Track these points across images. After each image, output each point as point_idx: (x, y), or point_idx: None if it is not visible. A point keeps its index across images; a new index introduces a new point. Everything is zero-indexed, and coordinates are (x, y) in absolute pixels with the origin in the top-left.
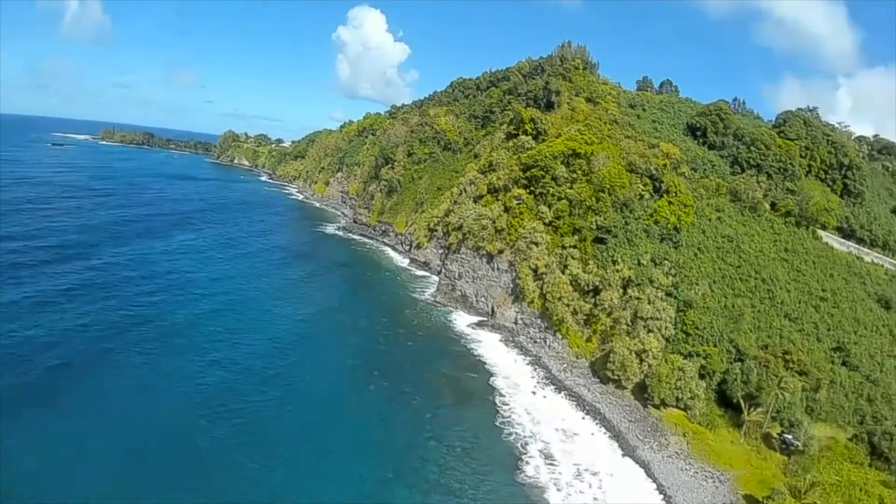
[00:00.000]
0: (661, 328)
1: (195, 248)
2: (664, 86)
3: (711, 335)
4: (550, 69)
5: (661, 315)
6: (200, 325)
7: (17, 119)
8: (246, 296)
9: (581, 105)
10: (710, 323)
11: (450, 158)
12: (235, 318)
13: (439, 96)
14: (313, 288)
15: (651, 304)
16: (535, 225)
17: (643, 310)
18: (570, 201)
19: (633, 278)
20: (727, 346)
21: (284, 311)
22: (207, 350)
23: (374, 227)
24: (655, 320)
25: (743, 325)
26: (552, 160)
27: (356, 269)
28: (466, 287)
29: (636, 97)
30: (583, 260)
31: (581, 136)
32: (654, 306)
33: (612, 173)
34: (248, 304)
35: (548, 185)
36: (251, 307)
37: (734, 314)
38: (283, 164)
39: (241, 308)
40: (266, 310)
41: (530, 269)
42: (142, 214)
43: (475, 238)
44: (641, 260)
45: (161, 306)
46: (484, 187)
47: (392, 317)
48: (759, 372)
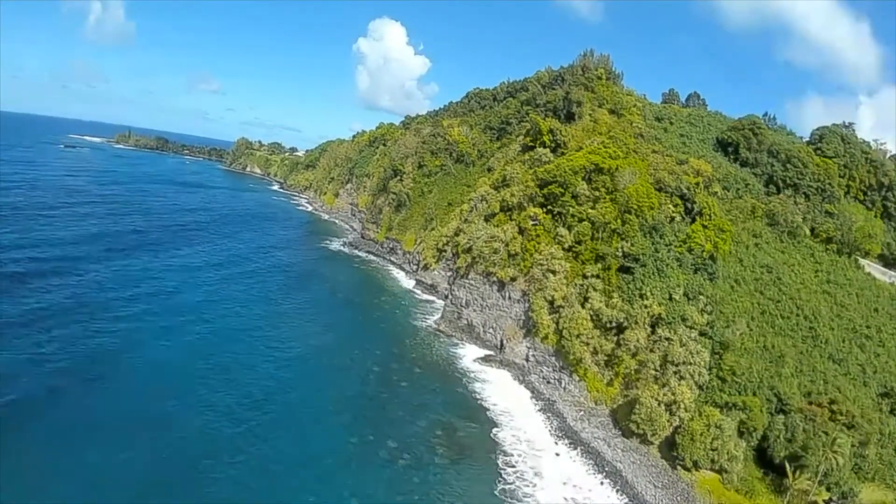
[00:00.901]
0: (694, 374)
1: (187, 266)
2: (691, 99)
3: (750, 381)
4: (571, 79)
5: (694, 359)
6: (165, 366)
7: (36, 119)
8: (230, 329)
9: (604, 117)
10: (749, 367)
11: (462, 171)
12: (209, 359)
13: (454, 107)
14: (306, 318)
15: (684, 346)
16: (552, 250)
17: (675, 353)
18: (592, 223)
19: (663, 316)
20: (767, 393)
21: (270, 349)
22: (160, 402)
23: (381, 243)
24: (688, 365)
25: (785, 369)
26: (572, 175)
27: (357, 293)
28: (474, 316)
29: (662, 110)
30: (606, 292)
31: (605, 150)
32: (686, 349)
33: (639, 192)
34: (230, 340)
35: (567, 204)
36: (233, 344)
37: (774, 356)
38: (294, 173)
39: (220, 345)
40: (249, 348)
41: (546, 300)
42: (139, 225)
43: (485, 262)
44: (673, 294)
45: (132, 337)
46: (496, 204)
47: (389, 349)
48: (806, 428)
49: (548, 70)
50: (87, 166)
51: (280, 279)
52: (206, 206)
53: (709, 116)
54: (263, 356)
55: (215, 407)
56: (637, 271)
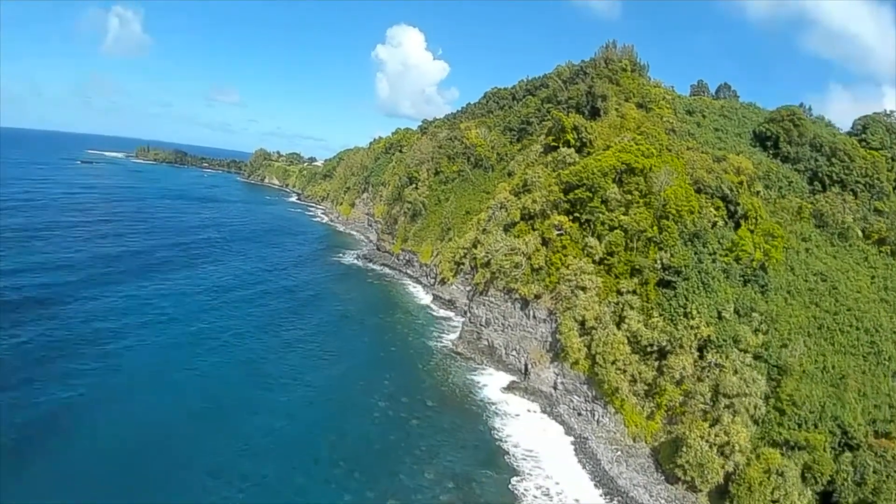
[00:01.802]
0: (749, 407)
1: (187, 292)
2: (721, 90)
3: (811, 412)
4: (594, 72)
5: (750, 389)
6: (144, 416)
7: (58, 136)
8: (226, 367)
9: (631, 111)
10: (809, 393)
11: (480, 177)
12: (197, 407)
13: (472, 108)
14: (311, 348)
15: (738, 374)
16: (581, 264)
17: (727, 384)
18: (625, 231)
19: (712, 338)
20: (830, 424)
21: (266, 390)
22: (129, 465)
23: (397, 255)
24: (743, 397)
25: (847, 394)
26: (601, 178)
27: (369, 313)
28: (495, 337)
29: (692, 102)
30: (644, 310)
31: (636, 147)
32: (741, 377)
33: (678, 195)
34: (225, 381)
35: (597, 211)
36: (226, 387)
37: (835, 378)
38: (311, 183)
39: (211, 388)
40: (243, 390)
41: (575, 321)
42: (144, 245)
43: (506, 278)
44: (723, 312)
45: (108, 382)
46: (517, 212)
47: (401, 378)
48: (877, 468)
49: (568, 65)
50: (100, 182)
51: (286, 303)
52: (217, 222)
53: (743, 108)
54: (259, 400)
55: (195, 465)
56: (679, 286)
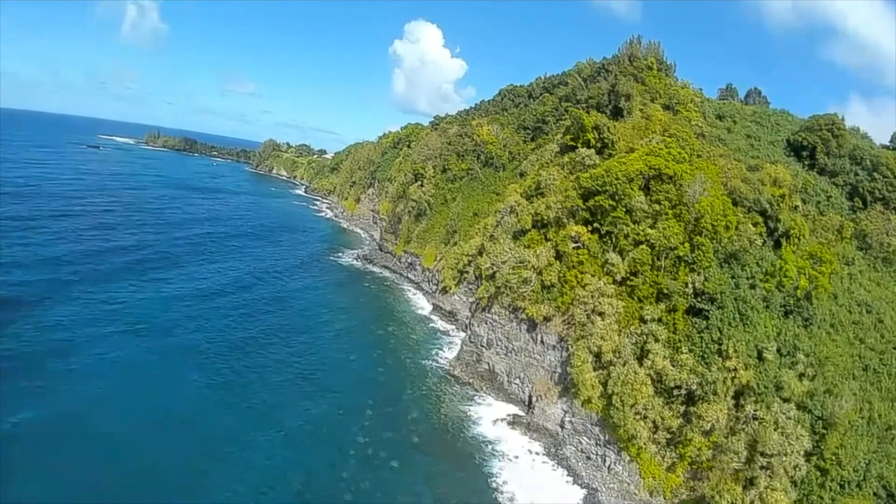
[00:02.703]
0: (789, 468)
1: (171, 296)
2: (750, 96)
3: (855, 469)
4: (618, 69)
5: (791, 447)
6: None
7: (72, 119)
8: (193, 398)
9: (657, 113)
10: (854, 449)
11: (491, 177)
12: (148, 451)
13: (486, 105)
14: (294, 372)
15: (779, 429)
16: (600, 284)
17: (768, 441)
18: (651, 247)
19: (752, 385)
20: (874, 485)
21: (233, 425)
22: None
23: (399, 257)
24: (783, 456)
25: (893, 448)
26: (626, 184)
27: (363, 323)
28: (496, 361)
29: (722, 106)
30: (672, 343)
31: (666, 151)
32: (782, 433)
33: (714, 207)
34: (189, 414)
35: (620, 222)
36: (191, 421)
37: (881, 430)
38: (318, 176)
39: (172, 422)
40: (205, 428)
41: (590, 352)
42: (133, 241)
43: (512, 294)
44: (765, 352)
45: (50, 418)
46: (528, 219)
47: (385, 406)
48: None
49: (589, 62)
50: (100, 169)
51: (275, 313)
52: (216, 216)
53: (776, 115)
54: (224, 432)
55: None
56: (713, 315)
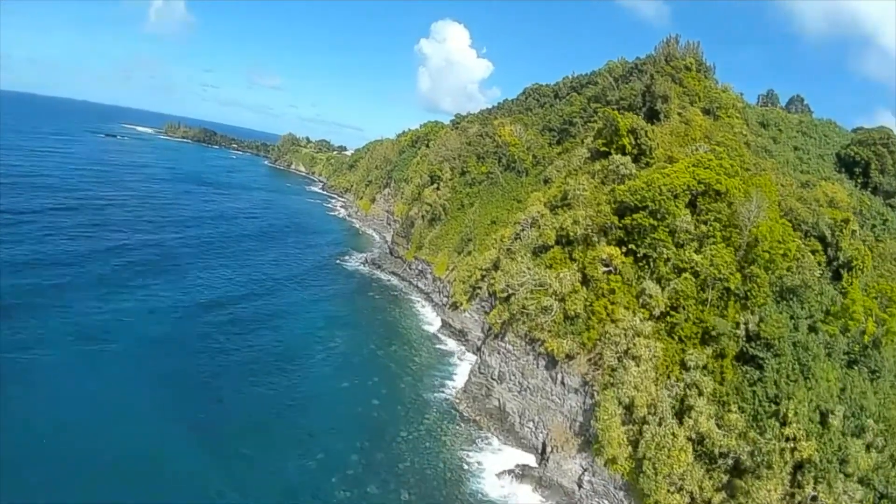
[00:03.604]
0: None
1: (157, 309)
2: (793, 103)
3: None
4: (653, 69)
5: None
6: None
7: (97, 107)
8: (166, 446)
9: (697, 118)
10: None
11: (512, 182)
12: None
13: (509, 104)
14: (274, 411)
15: None
16: (635, 321)
17: None
18: (695, 275)
19: (814, 459)
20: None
21: (200, 481)
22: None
23: (409, 264)
24: None
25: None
26: (671, 200)
27: (363, 341)
28: (508, 399)
29: (766, 113)
30: (718, 397)
31: (717, 162)
32: None
33: (773, 232)
34: (154, 470)
35: (660, 244)
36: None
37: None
38: (336, 173)
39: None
40: (167, 486)
41: (619, 403)
42: (128, 241)
43: (530, 322)
44: (830, 416)
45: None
46: (551, 234)
47: (375, 449)
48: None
49: (621, 61)
50: (112, 159)
51: (266, 335)
52: (224, 214)
53: (823, 126)
54: (187, 489)
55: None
56: (769, 365)
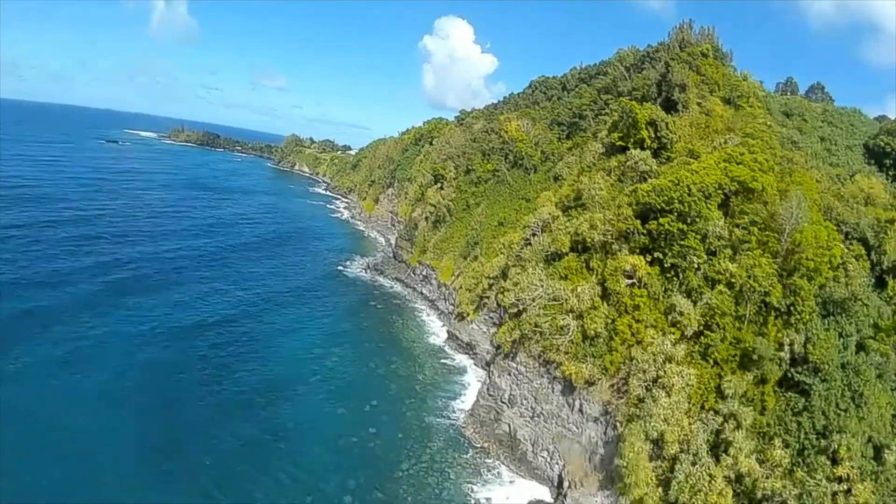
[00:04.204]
0: None
1: (134, 335)
2: (813, 91)
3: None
4: (668, 56)
5: None
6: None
7: (101, 113)
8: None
9: (718, 108)
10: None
11: (520, 179)
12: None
13: (516, 98)
14: (250, 462)
15: None
16: (666, 344)
17: None
18: (730, 286)
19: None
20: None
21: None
22: None
23: (413, 268)
24: None
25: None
26: (702, 201)
27: (359, 358)
28: (520, 424)
29: (788, 102)
30: (758, 429)
31: (751, 157)
32: None
33: (818, 237)
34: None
35: (691, 252)
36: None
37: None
38: (340, 174)
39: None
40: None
41: (647, 437)
42: (118, 257)
43: (544, 342)
44: (885, 452)
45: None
46: (565, 239)
47: (371, 489)
48: None
49: (632, 49)
50: (111, 166)
51: (254, 364)
52: (221, 222)
53: (849, 115)
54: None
55: None
56: (816, 392)
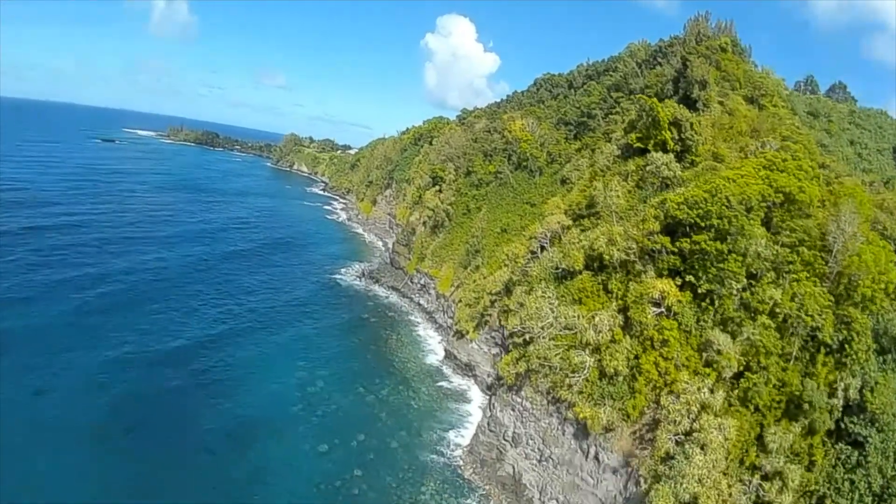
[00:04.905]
0: None
1: (91, 375)
2: (834, 91)
3: None
4: (683, 50)
5: None
6: None
7: (101, 111)
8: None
9: (741, 107)
10: None
11: (524, 182)
12: None
13: (519, 97)
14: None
15: None
16: (703, 392)
17: None
18: (772, 315)
19: None
20: None
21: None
22: None
23: (411, 276)
24: None
25: None
26: (744, 215)
27: (347, 383)
28: (525, 467)
29: (813, 102)
30: (805, 489)
31: (794, 164)
32: None
33: (878, 260)
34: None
35: (730, 277)
36: None
37: None
38: (339, 174)
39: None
40: None
41: (677, 498)
42: (90, 272)
43: (553, 375)
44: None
45: None
46: (579, 255)
47: None
48: None
49: (643, 44)
50: (103, 167)
51: (235, 397)
52: (210, 227)
53: (876, 116)
54: None
55: None
56: (872, 445)
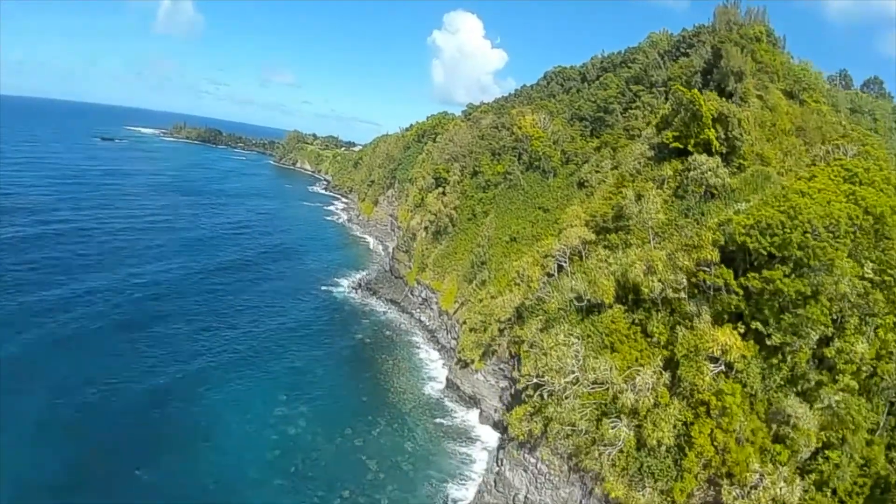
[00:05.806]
0: None
1: (32, 433)
2: (869, 85)
3: None
4: (714, 39)
5: None
6: None
7: (105, 109)
8: None
9: (782, 102)
10: None
11: (537, 184)
12: None
13: (528, 91)
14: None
15: None
16: (780, 486)
17: None
18: (858, 373)
19: None
20: None
21: None
22: None
23: (412, 288)
24: None
25: None
26: (830, 243)
27: (334, 420)
28: None
29: (856, 98)
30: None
31: (880, 175)
32: None
33: None
34: None
35: (812, 326)
36: None
37: None
38: (342, 171)
39: None
40: None
41: None
42: (55, 294)
43: (576, 440)
44: None
45: None
46: (608, 285)
47: None
48: None
49: (664, 33)
50: (97, 167)
51: (204, 456)
52: (201, 237)
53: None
54: None
55: None
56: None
